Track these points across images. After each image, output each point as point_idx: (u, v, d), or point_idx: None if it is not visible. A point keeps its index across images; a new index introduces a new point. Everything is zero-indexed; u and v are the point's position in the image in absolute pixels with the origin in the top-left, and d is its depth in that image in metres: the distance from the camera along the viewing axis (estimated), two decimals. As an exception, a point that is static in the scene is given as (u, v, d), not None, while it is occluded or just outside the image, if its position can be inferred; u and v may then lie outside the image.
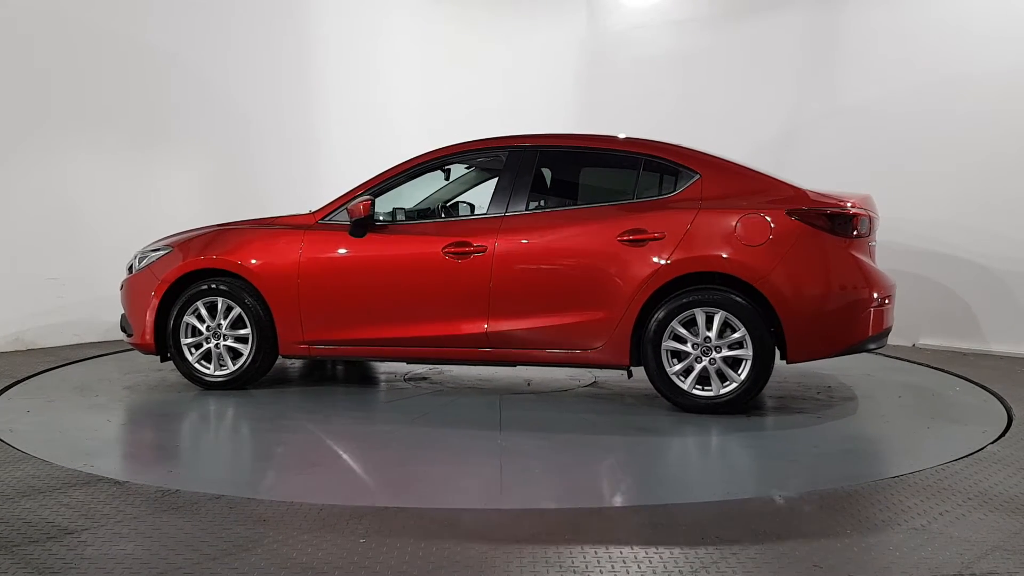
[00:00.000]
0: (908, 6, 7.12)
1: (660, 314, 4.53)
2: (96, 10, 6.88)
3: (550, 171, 5.09)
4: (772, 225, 4.49)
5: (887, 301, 4.70)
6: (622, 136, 5.06)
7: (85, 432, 4.27)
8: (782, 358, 4.57)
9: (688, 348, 4.53)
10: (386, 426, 4.43)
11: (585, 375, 5.72)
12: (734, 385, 4.50)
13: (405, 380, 5.50)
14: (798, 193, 4.63)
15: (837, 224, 4.52)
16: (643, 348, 4.58)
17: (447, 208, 5.42)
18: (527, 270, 4.70)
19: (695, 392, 4.55)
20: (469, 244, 4.72)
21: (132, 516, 3.00)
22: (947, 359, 6.40)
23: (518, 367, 5.80)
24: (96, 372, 5.72)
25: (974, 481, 3.46)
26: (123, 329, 5.32)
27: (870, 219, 4.72)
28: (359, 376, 5.73)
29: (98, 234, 6.80)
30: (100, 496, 3.20)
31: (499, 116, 8.87)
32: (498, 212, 4.80)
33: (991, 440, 4.11)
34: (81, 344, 6.78)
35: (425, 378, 5.54)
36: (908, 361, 6.35)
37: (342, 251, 4.90)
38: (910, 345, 7.05)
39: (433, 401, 4.94)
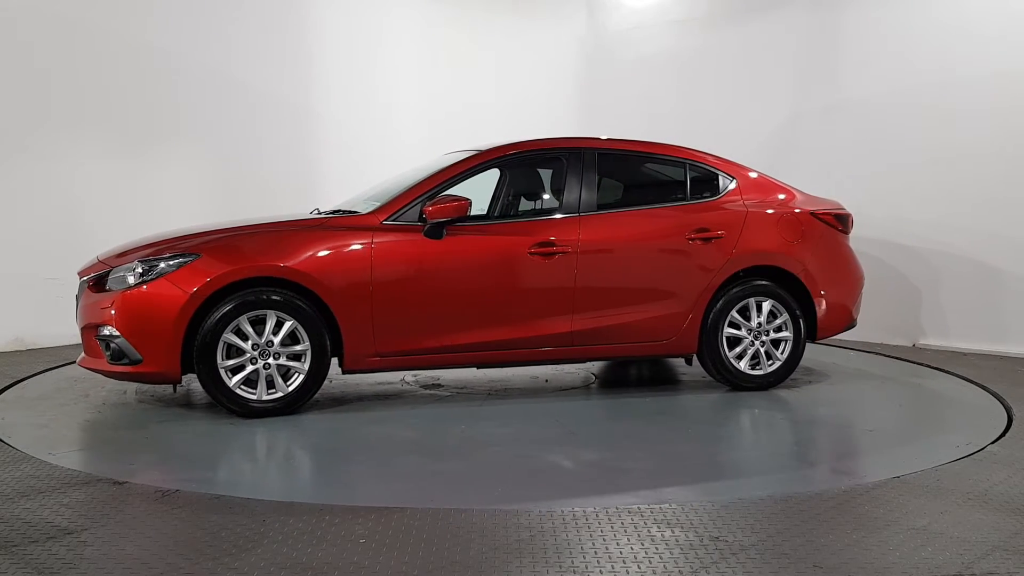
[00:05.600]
0: (908, 6, 7.12)
1: (719, 304, 5.04)
2: (96, 11, 6.87)
3: (610, 173, 5.23)
4: (802, 224, 5.28)
5: None
6: (667, 142, 5.43)
7: (86, 432, 4.27)
8: (808, 338, 5.28)
9: (743, 333, 5.10)
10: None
11: (583, 372, 5.73)
12: (778, 364, 5.16)
13: (423, 388, 5.28)
14: (805, 196, 5.49)
15: (842, 222, 5.46)
16: (704, 336, 5.03)
17: None
18: (609, 268, 4.89)
19: (749, 372, 5.11)
20: (553, 243, 4.76)
21: (132, 516, 3.00)
22: (947, 359, 6.40)
23: (509, 367, 5.80)
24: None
25: (974, 481, 3.46)
26: (116, 357, 4.35)
27: None
28: (369, 385, 5.70)
29: (98, 234, 6.77)
30: (100, 496, 3.20)
31: (499, 115, 8.88)
32: (571, 212, 4.89)
33: (991, 440, 4.11)
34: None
35: (439, 384, 5.39)
36: (908, 361, 6.34)
37: (422, 254, 4.57)
38: (910, 345, 7.05)
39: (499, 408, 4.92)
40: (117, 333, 4.31)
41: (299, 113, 8.10)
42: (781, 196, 5.37)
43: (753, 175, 5.39)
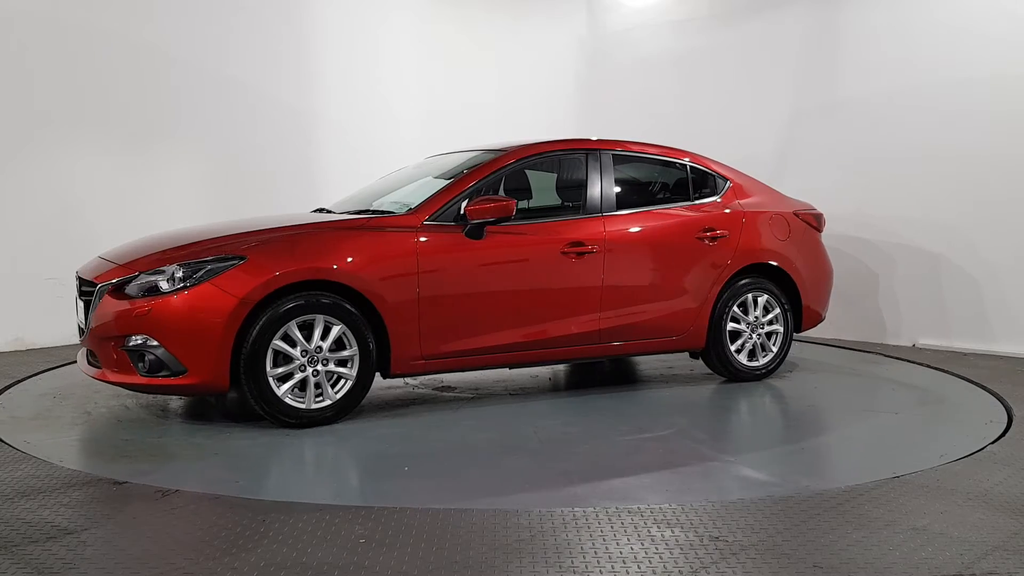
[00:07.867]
0: (908, 7, 7.11)
1: (722, 300, 5.31)
2: (96, 10, 6.87)
3: (624, 173, 5.33)
4: (789, 223, 5.63)
5: None
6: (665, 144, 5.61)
7: (86, 432, 4.27)
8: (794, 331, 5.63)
9: (743, 327, 5.40)
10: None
11: (573, 370, 5.73)
12: (771, 355, 5.50)
13: (435, 390, 5.20)
14: (784, 196, 5.83)
15: (818, 221, 5.88)
16: (710, 330, 5.29)
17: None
18: (632, 266, 5.05)
19: (747, 364, 5.42)
20: (583, 244, 4.84)
21: (132, 516, 3.00)
22: (947, 359, 6.39)
23: (540, 367, 5.79)
24: (96, 372, 5.69)
25: (974, 481, 3.46)
26: (154, 369, 4.04)
27: None
28: (381, 390, 5.64)
29: (98, 234, 6.78)
30: (100, 496, 3.20)
31: (499, 115, 8.87)
32: (595, 212, 4.99)
33: (991, 440, 4.11)
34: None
35: (449, 386, 5.31)
36: (908, 361, 6.34)
37: (466, 254, 4.52)
38: (910, 345, 7.05)
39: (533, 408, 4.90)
40: (155, 343, 4.00)
41: (298, 112, 8.10)
42: (768, 197, 5.70)
43: (743, 177, 5.67)
